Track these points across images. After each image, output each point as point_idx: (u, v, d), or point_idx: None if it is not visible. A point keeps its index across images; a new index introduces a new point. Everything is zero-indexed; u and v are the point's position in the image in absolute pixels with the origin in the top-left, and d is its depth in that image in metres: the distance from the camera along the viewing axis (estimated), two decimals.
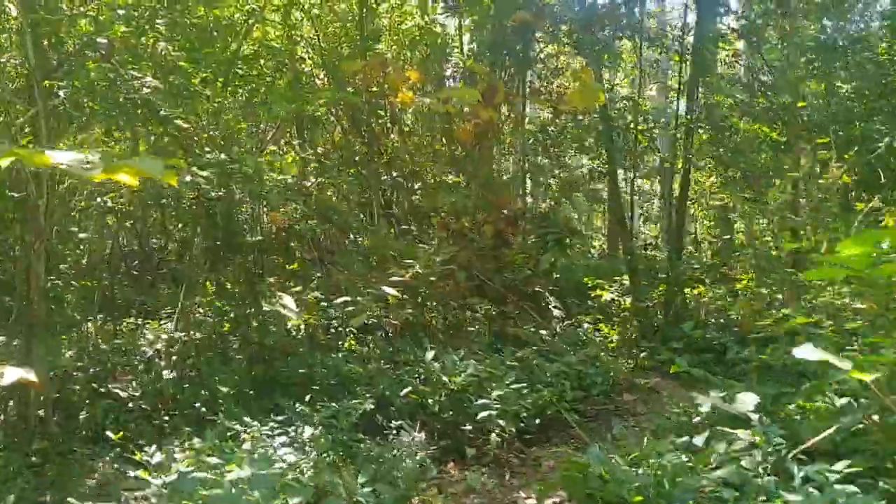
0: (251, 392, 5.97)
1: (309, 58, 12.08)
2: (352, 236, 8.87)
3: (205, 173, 5.38)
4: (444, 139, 11.43)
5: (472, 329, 7.43)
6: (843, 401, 4.79)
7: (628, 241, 12.10)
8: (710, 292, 10.33)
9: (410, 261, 6.52)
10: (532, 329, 8.79)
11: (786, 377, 5.69)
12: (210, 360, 6.41)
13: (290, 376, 6.20)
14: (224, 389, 5.47)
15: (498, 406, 5.16)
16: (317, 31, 11.71)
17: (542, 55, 15.64)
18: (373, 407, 5.32)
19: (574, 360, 6.80)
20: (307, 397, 5.77)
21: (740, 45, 11.85)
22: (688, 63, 12.32)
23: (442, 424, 5.48)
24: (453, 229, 8.41)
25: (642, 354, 8.24)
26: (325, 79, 11.63)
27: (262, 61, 10.37)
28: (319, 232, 8.23)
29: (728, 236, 12.60)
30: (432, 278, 6.62)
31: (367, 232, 8.64)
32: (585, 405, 6.59)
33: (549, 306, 9.51)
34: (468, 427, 5.41)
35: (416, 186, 11.91)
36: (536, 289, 9.29)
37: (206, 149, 6.11)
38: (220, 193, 5.86)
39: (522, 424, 5.47)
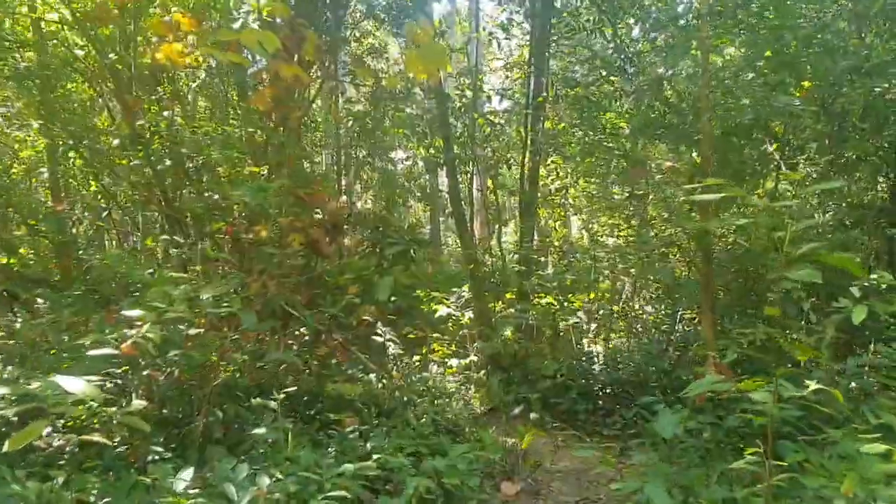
0: None
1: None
2: (80, 255, 5.71)
3: None
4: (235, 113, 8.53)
5: (271, 407, 4.62)
6: None
7: (469, 246, 9.95)
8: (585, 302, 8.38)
9: (157, 302, 3.64)
10: (361, 375, 6.30)
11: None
12: None
13: None
14: None
15: None
16: None
17: (356, 33, 13.16)
18: None
19: (452, 458, 4.31)
20: None
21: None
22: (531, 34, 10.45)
23: None
24: (245, 240, 5.64)
25: (514, 410, 5.96)
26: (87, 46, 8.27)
27: None
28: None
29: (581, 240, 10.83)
30: (195, 330, 3.84)
31: (99, 247, 5.56)
32: None
33: (382, 340, 7.01)
34: None
35: (205, 180, 8.89)
36: (365, 318, 6.71)
37: None
38: None
39: None
